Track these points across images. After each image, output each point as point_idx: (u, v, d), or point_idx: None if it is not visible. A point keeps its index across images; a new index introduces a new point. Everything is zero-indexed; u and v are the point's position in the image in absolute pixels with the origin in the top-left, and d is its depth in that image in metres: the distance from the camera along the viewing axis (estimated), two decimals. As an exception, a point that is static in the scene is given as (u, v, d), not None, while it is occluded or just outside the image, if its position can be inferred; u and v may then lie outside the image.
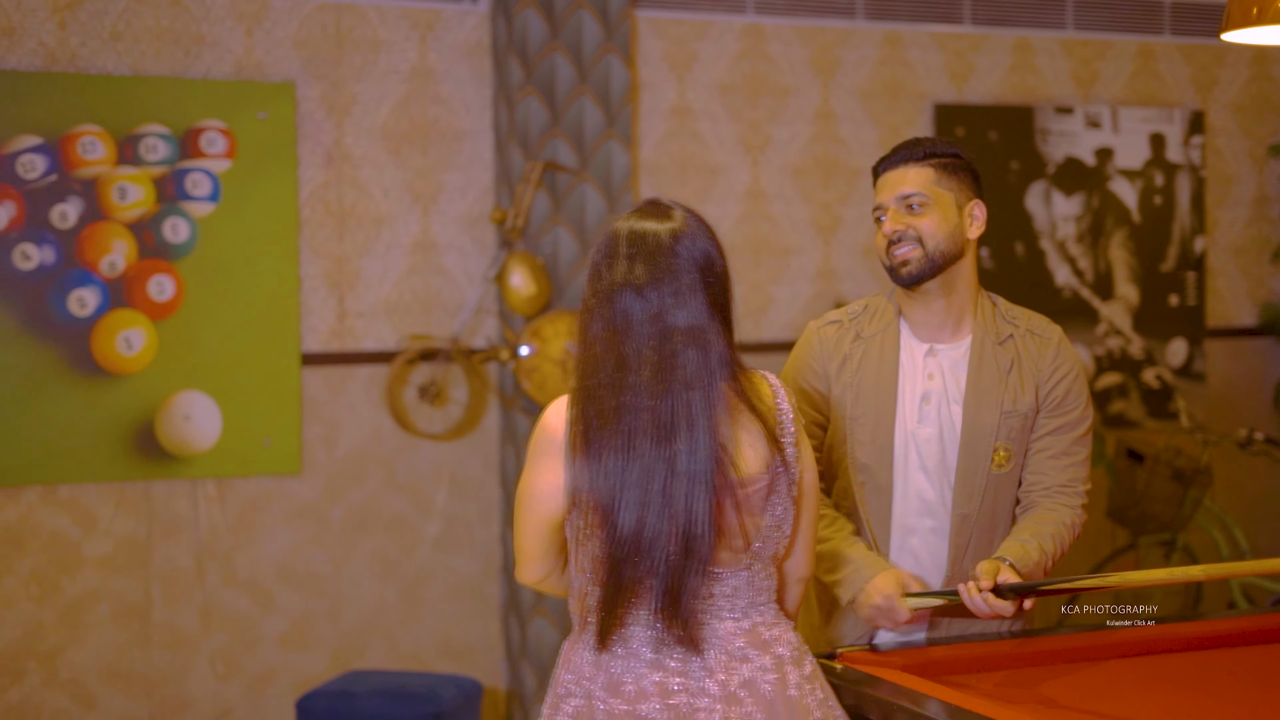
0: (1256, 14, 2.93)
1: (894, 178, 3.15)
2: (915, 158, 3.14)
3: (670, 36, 5.75)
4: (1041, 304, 6.26)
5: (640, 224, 2.53)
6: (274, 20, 5.24)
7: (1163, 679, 2.85)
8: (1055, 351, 3.14)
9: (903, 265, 3.10)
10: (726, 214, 5.84)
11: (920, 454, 3.11)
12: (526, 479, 2.57)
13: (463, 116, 5.48)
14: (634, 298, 2.47)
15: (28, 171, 4.94)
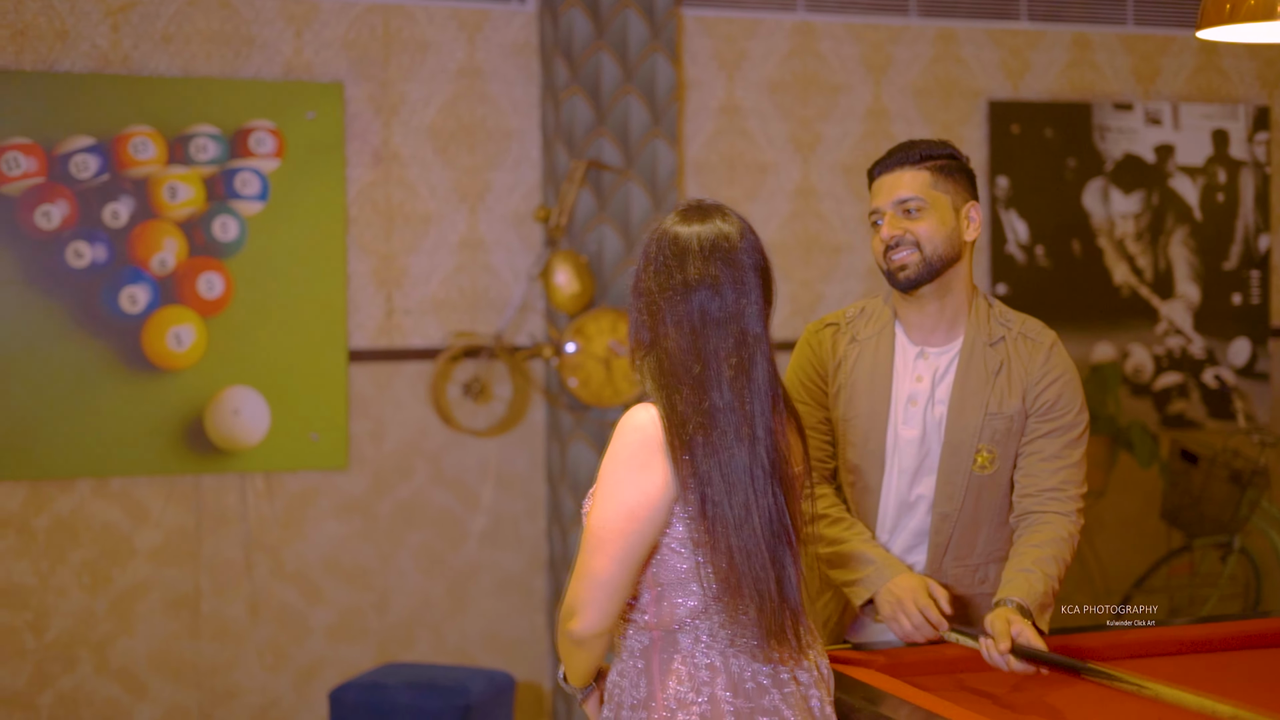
0: (1230, 11, 2.90)
1: (890, 181, 3.14)
2: (911, 160, 3.13)
3: (719, 35, 5.75)
4: (1099, 302, 6.21)
5: (710, 226, 2.53)
6: (323, 22, 5.32)
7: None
8: (1046, 355, 3.13)
9: (900, 270, 3.11)
10: (776, 212, 5.84)
11: (902, 455, 3.13)
12: (621, 497, 2.44)
13: (510, 116, 5.53)
14: (711, 297, 2.48)
15: (81, 171, 5.05)
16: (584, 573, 2.45)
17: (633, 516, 2.43)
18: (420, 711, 4.57)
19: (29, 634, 5.08)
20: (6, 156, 4.97)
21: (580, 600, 2.45)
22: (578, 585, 2.46)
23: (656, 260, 2.51)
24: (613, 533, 2.43)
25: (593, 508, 2.47)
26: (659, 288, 2.49)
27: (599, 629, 2.47)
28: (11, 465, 5.01)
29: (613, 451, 2.47)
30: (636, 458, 2.43)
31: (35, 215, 5.00)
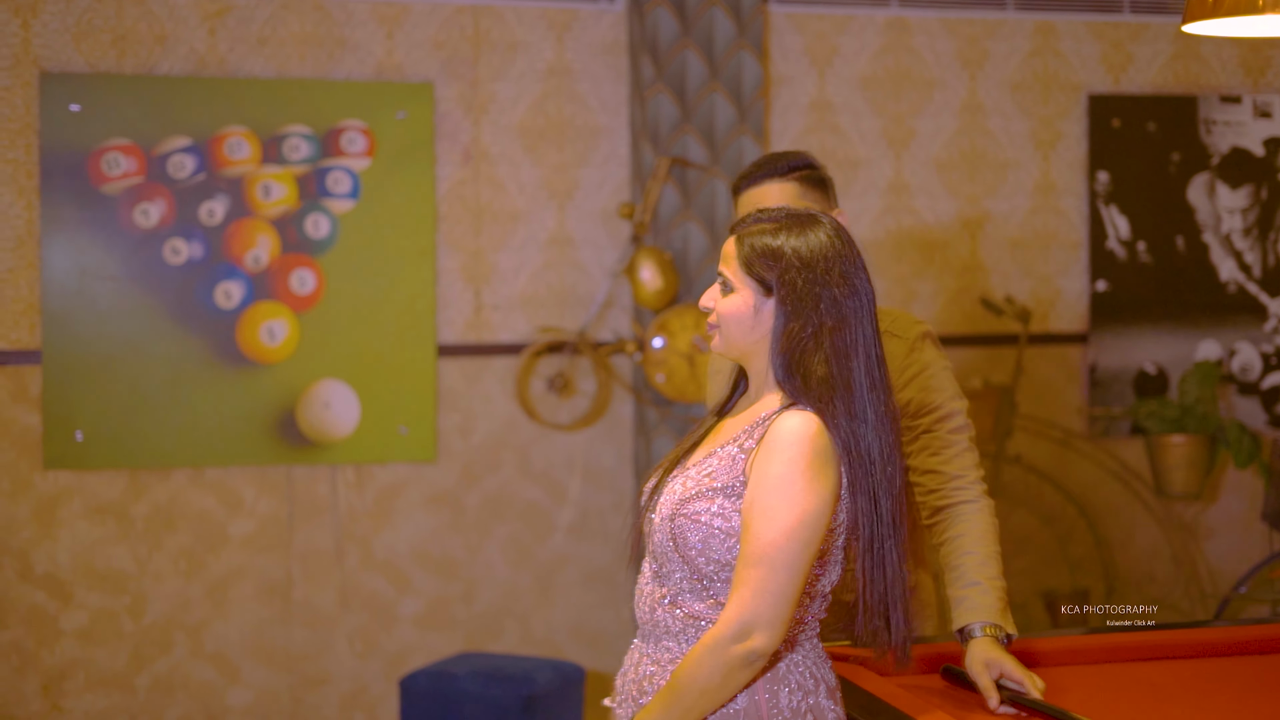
0: (1213, 6, 2.86)
1: (757, 194, 3.17)
2: (778, 173, 3.17)
3: (810, 31, 5.75)
4: (1204, 299, 6.09)
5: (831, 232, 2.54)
6: (414, 23, 5.42)
7: (1146, 686, 2.80)
8: (908, 351, 3.12)
9: None
10: (868, 208, 5.82)
11: None
12: (804, 506, 2.39)
13: (599, 114, 5.58)
14: (862, 302, 2.50)
15: (178, 171, 5.21)
16: (766, 588, 2.36)
17: (815, 527, 2.39)
18: (485, 700, 4.66)
19: (127, 617, 5.27)
20: (107, 157, 5.15)
21: (764, 617, 2.36)
22: (758, 601, 2.36)
23: (819, 263, 2.49)
24: (800, 543, 2.38)
25: (765, 520, 2.39)
26: (815, 290, 2.48)
27: (778, 645, 2.41)
28: (112, 455, 5.20)
29: (786, 461, 2.40)
30: (813, 467, 2.39)
31: (134, 214, 5.18)
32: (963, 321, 5.92)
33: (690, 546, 2.45)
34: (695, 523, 2.45)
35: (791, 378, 2.46)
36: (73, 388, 5.15)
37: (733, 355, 2.57)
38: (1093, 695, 2.77)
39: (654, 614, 2.52)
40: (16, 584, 5.18)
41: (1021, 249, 5.97)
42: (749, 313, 2.50)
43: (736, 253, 2.52)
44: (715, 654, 2.38)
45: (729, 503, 2.44)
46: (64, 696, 5.22)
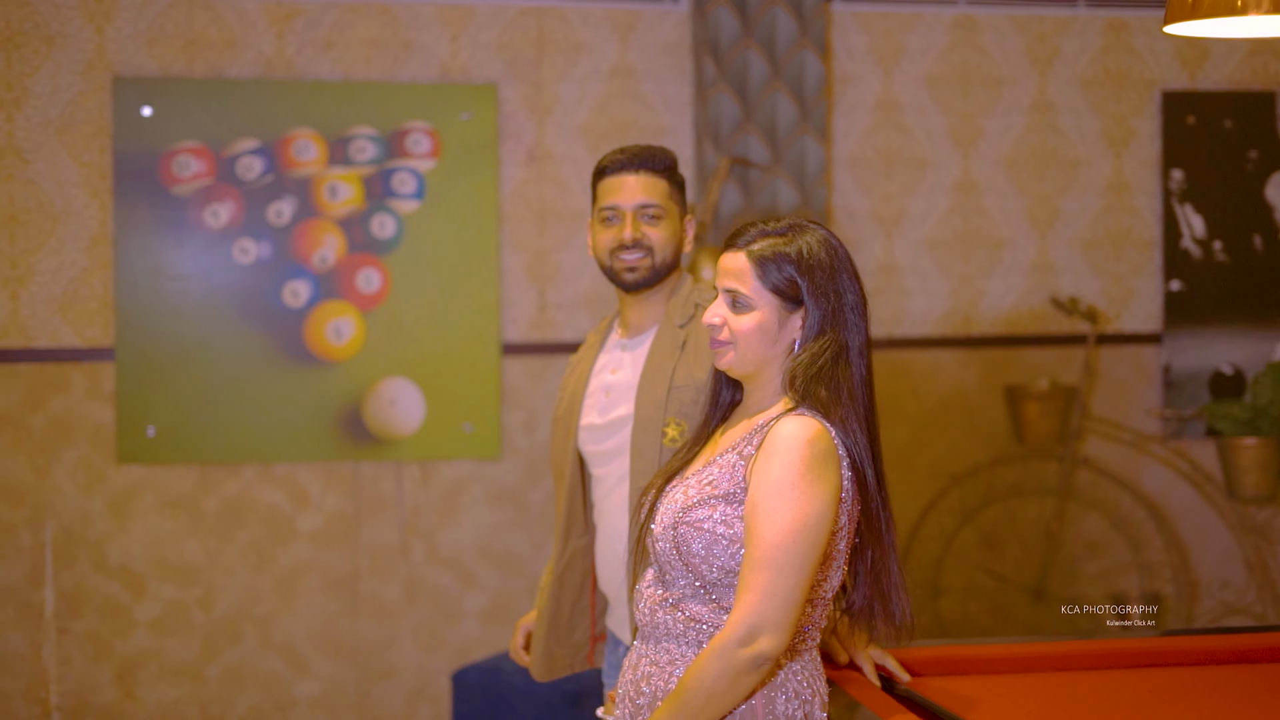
0: (1192, 6, 2.82)
1: (633, 183, 3.24)
2: (656, 168, 3.25)
3: (876, 30, 5.73)
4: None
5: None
6: (478, 25, 5.48)
7: (1137, 692, 2.78)
8: None
9: (630, 271, 3.23)
10: (935, 207, 5.79)
11: (598, 442, 3.27)
12: (807, 508, 2.39)
13: (663, 114, 5.61)
14: (863, 308, 2.57)
15: (247, 172, 5.32)
16: (773, 591, 2.37)
17: (818, 529, 2.39)
18: (532, 695, 4.71)
19: (198, 609, 5.39)
20: (178, 159, 5.28)
21: (770, 620, 2.37)
22: (765, 605, 2.37)
23: (836, 270, 2.52)
24: (804, 545, 2.38)
25: (768, 523, 2.40)
26: (838, 298, 2.51)
27: (784, 649, 2.42)
28: (183, 450, 5.32)
29: (785, 465, 2.41)
30: (813, 470, 2.40)
31: (205, 214, 5.30)
32: (1032, 322, 5.87)
33: (694, 554, 2.47)
34: (698, 530, 2.47)
35: (810, 386, 2.46)
36: (145, 384, 5.28)
37: (745, 371, 2.56)
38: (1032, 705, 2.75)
39: (654, 616, 2.54)
40: (92, 575, 5.32)
41: (1093, 248, 5.91)
42: (773, 328, 2.51)
43: (751, 268, 2.51)
44: (722, 658, 2.38)
45: (731, 509, 2.46)
46: (137, 686, 5.35)
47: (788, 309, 2.50)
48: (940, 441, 5.83)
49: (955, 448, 5.85)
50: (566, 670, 3.43)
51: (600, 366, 3.34)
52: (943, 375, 5.83)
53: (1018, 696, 2.77)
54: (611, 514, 3.27)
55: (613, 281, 3.28)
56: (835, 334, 2.49)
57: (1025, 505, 5.87)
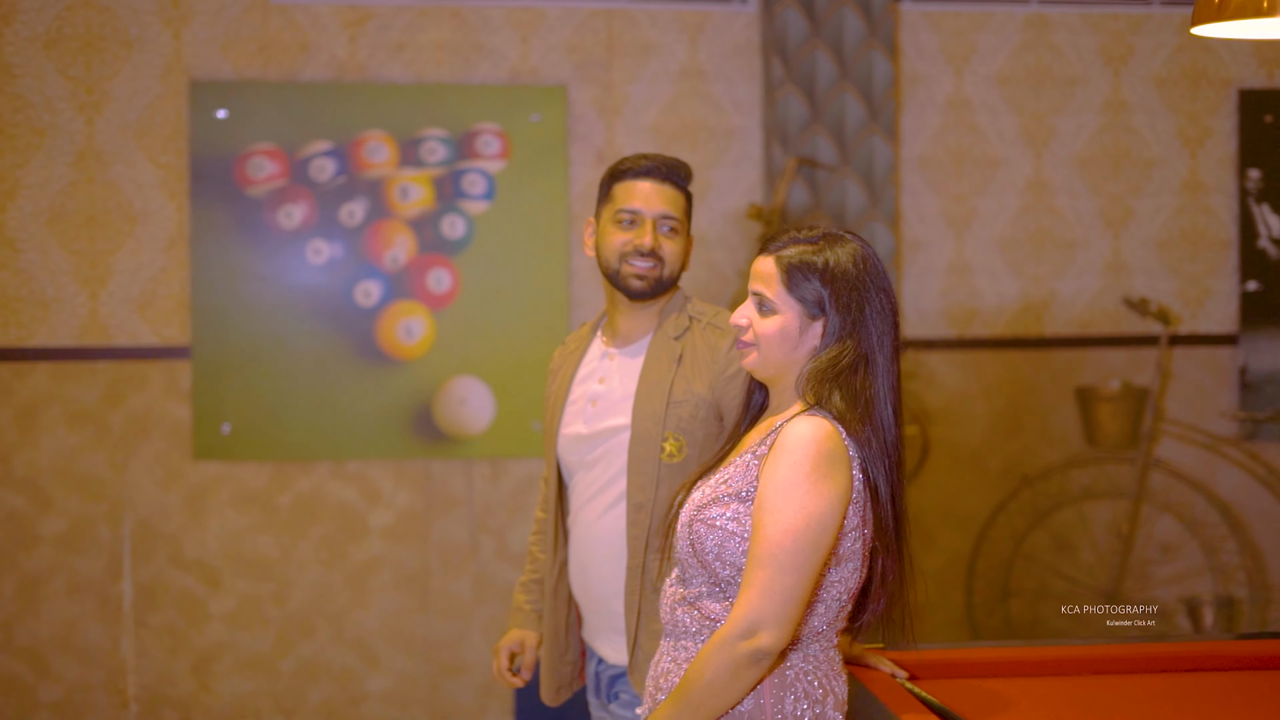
0: (1219, 8, 2.80)
1: (657, 191, 3.21)
2: (680, 183, 3.24)
3: (947, 29, 5.71)
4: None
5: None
6: (548, 27, 5.53)
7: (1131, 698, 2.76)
8: (730, 344, 3.15)
9: (638, 279, 3.19)
10: (1006, 207, 5.77)
11: (583, 453, 3.24)
12: (811, 507, 2.43)
13: (732, 114, 5.63)
14: (894, 316, 2.60)
15: (319, 174, 5.41)
16: (773, 587, 2.41)
17: (822, 528, 2.43)
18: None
19: (272, 603, 5.48)
20: (253, 161, 5.37)
21: (770, 616, 2.41)
22: (764, 601, 2.40)
23: (863, 283, 2.54)
24: (806, 544, 2.42)
25: (771, 521, 2.44)
26: (860, 310, 2.54)
27: (784, 646, 2.45)
28: (258, 447, 5.42)
29: (792, 464, 2.44)
30: (819, 469, 2.44)
31: (278, 215, 5.39)
32: (1105, 322, 5.82)
33: (707, 551, 2.51)
34: (712, 528, 2.51)
35: (824, 390, 2.50)
36: (220, 382, 5.38)
37: (766, 374, 2.61)
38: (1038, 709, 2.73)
39: (674, 614, 2.58)
40: (169, 569, 5.43)
41: (1168, 248, 5.85)
42: (794, 334, 2.55)
43: (778, 274, 2.55)
44: (722, 651, 2.43)
45: (743, 507, 2.50)
46: (212, 678, 5.46)
47: (810, 316, 2.54)
48: (1012, 443, 5.80)
49: (1027, 449, 5.81)
50: (570, 690, 3.39)
51: (584, 375, 3.31)
52: (1014, 376, 5.80)
53: (1038, 701, 2.76)
54: (587, 524, 3.24)
55: (615, 285, 3.23)
56: (855, 344, 2.52)
57: (1097, 507, 5.83)
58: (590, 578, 3.23)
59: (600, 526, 3.21)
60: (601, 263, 3.25)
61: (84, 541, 5.39)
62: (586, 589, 3.26)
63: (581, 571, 3.26)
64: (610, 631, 3.23)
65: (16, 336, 5.35)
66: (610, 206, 3.25)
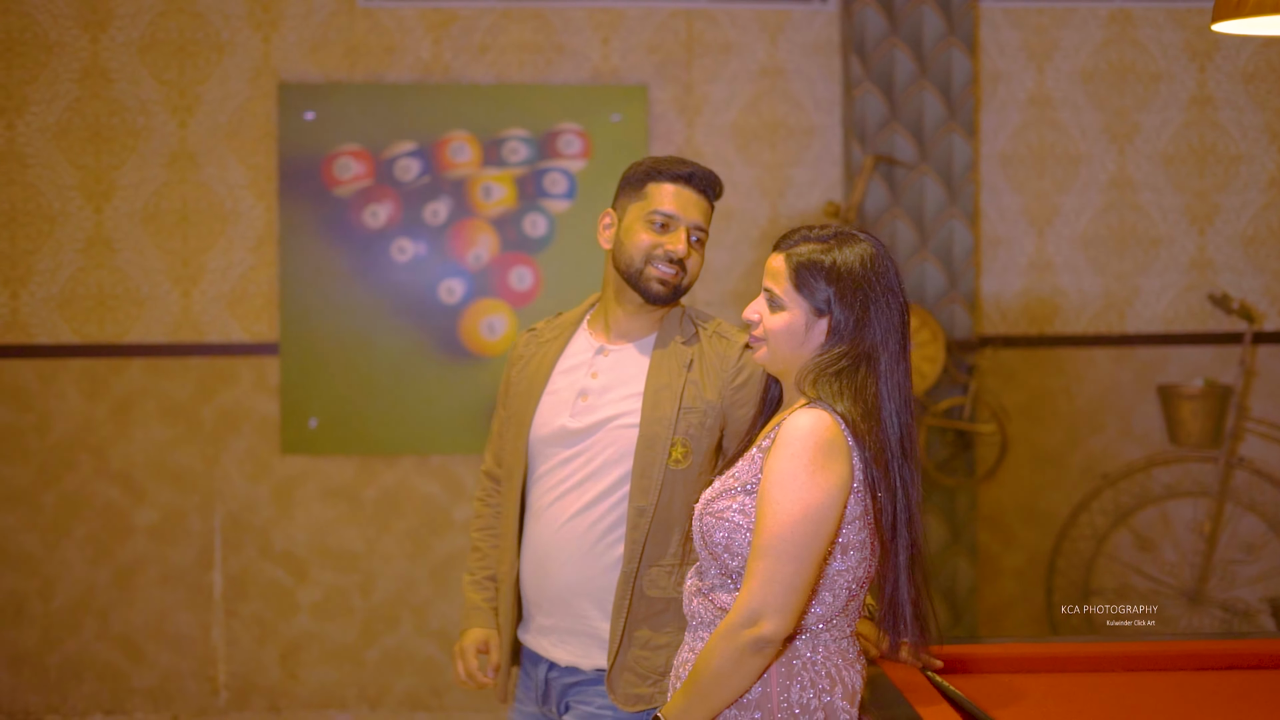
0: (1237, 5, 2.79)
1: (694, 200, 3.15)
2: (713, 196, 3.20)
3: (1029, 26, 5.70)
4: None
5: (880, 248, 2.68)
6: (629, 28, 5.60)
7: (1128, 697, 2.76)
8: (740, 353, 3.14)
9: (661, 284, 3.12)
10: (1088, 204, 5.74)
11: (566, 445, 3.15)
12: (808, 498, 2.48)
13: (812, 113, 5.66)
14: (901, 315, 2.64)
15: (404, 174, 5.51)
16: (773, 577, 2.46)
17: (821, 518, 2.48)
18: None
19: (357, 595, 5.60)
20: (339, 162, 5.49)
21: (771, 605, 2.46)
22: (766, 590, 2.46)
23: (869, 283, 2.59)
24: (804, 535, 2.47)
25: (769, 512, 2.49)
26: (865, 309, 2.59)
27: (792, 627, 2.49)
28: (344, 441, 5.53)
29: (790, 456, 2.50)
30: (816, 460, 2.49)
31: (364, 215, 5.50)
32: (1189, 319, 5.78)
33: (716, 543, 2.57)
34: (720, 520, 2.58)
35: (824, 385, 2.55)
36: (307, 378, 5.50)
37: (776, 369, 2.67)
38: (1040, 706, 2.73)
39: (692, 604, 2.65)
40: (258, 560, 5.56)
41: (1254, 245, 5.79)
42: (800, 331, 2.60)
43: (786, 271, 2.61)
44: (727, 640, 2.49)
45: (749, 500, 2.56)
46: (300, 667, 5.58)
47: (817, 313, 2.59)
48: (1093, 441, 5.78)
49: (1109, 447, 5.78)
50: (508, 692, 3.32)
51: (569, 367, 3.22)
52: (1096, 374, 5.78)
53: (1063, 696, 2.77)
54: (555, 520, 3.15)
55: (633, 285, 3.15)
56: (859, 341, 2.56)
57: (1180, 507, 5.78)
58: (552, 576, 3.14)
59: (575, 524, 3.13)
60: (622, 259, 3.16)
61: (176, 533, 5.54)
62: (543, 587, 3.16)
63: (539, 568, 3.16)
64: (570, 634, 3.15)
65: (113, 333, 5.50)
66: (642, 205, 3.16)
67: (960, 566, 5.54)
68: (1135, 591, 5.76)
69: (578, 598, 3.11)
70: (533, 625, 3.19)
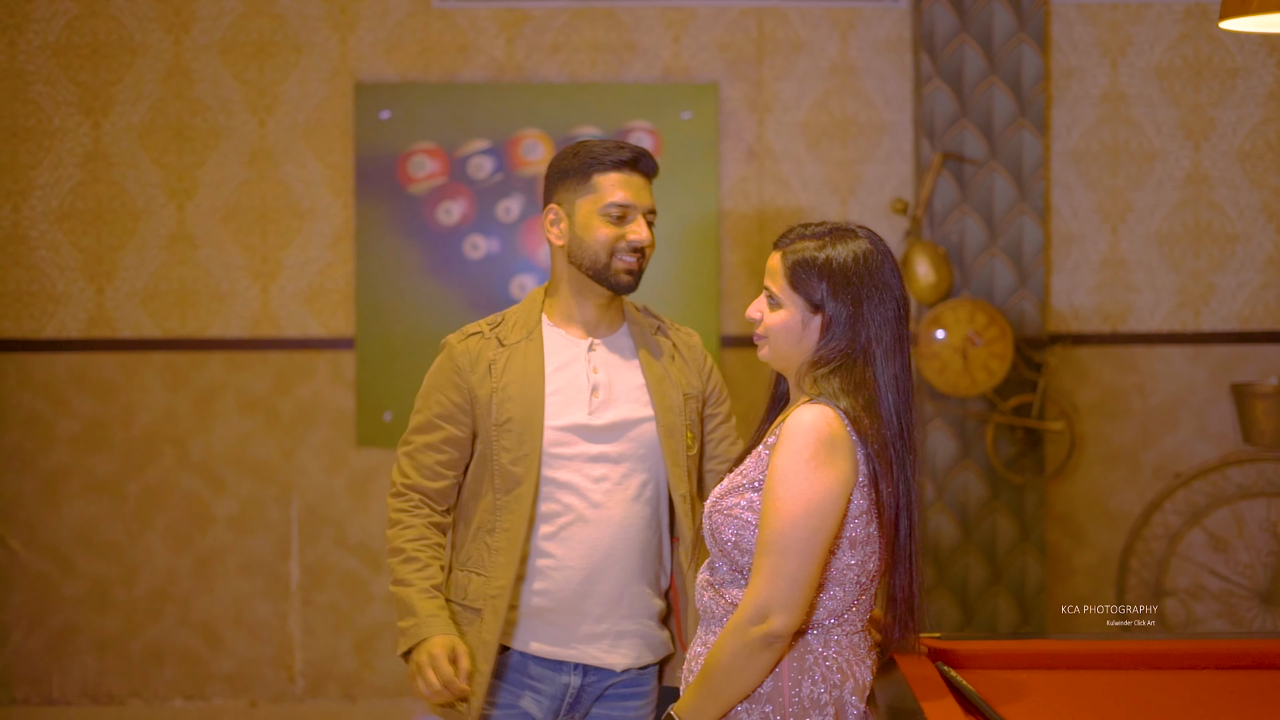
0: (1243, 2, 2.77)
1: (640, 184, 3.15)
2: (651, 173, 3.18)
3: (1102, 22, 5.67)
4: None
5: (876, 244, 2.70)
6: (700, 26, 5.64)
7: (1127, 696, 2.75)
8: (700, 347, 3.26)
9: (629, 273, 3.14)
10: (1163, 201, 5.70)
11: (596, 442, 3.12)
12: (809, 493, 2.50)
13: (883, 110, 5.67)
14: (898, 310, 2.68)
15: (477, 172, 5.60)
16: (779, 573, 2.49)
17: (823, 513, 2.51)
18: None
19: (430, 585, 5.69)
20: (414, 160, 5.58)
21: (777, 600, 2.49)
22: (772, 586, 2.49)
23: (863, 279, 2.62)
24: (806, 530, 2.50)
25: (772, 509, 2.52)
26: (858, 305, 2.62)
27: (798, 622, 2.52)
28: (418, 434, 5.63)
29: (791, 452, 2.53)
30: (818, 456, 2.52)
31: (438, 212, 5.60)
32: (1265, 317, 5.72)
33: (726, 540, 2.61)
34: (729, 517, 2.62)
35: (822, 381, 2.58)
36: (382, 372, 5.61)
37: (779, 366, 2.72)
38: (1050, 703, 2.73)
39: (703, 599, 2.70)
40: (334, 551, 5.67)
41: (1335, 242, 5.73)
42: (797, 328, 2.64)
43: (782, 269, 2.65)
44: (736, 637, 2.52)
45: (757, 496, 2.60)
46: (375, 656, 5.69)
47: (812, 310, 2.62)
48: (1167, 440, 5.74)
49: (1183, 447, 5.74)
50: None
51: (561, 365, 3.17)
52: (1170, 372, 5.73)
53: (1079, 695, 2.76)
54: (609, 521, 3.12)
55: (599, 279, 3.14)
56: (854, 338, 2.59)
57: (1254, 507, 5.73)
58: (613, 576, 3.12)
59: (627, 521, 3.13)
60: (585, 255, 3.14)
61: (255, 523, 5.67)
62: (590, 593, 3.13)
63: (594, 571, 3.12)
64: (619, 636, 3.15)
65: (194, 328, 5.64)
66: (594, 198, 3.13)
67: (1029, 565, 5.53)
68: (1208, 592, 5.72)
69: (622, 599, 3.12)
70: (579, 633, 3.15)
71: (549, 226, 3.21)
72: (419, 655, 3.07)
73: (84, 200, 5.61)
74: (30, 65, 5.57)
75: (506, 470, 3.13)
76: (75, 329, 5.63)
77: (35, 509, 5.64)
